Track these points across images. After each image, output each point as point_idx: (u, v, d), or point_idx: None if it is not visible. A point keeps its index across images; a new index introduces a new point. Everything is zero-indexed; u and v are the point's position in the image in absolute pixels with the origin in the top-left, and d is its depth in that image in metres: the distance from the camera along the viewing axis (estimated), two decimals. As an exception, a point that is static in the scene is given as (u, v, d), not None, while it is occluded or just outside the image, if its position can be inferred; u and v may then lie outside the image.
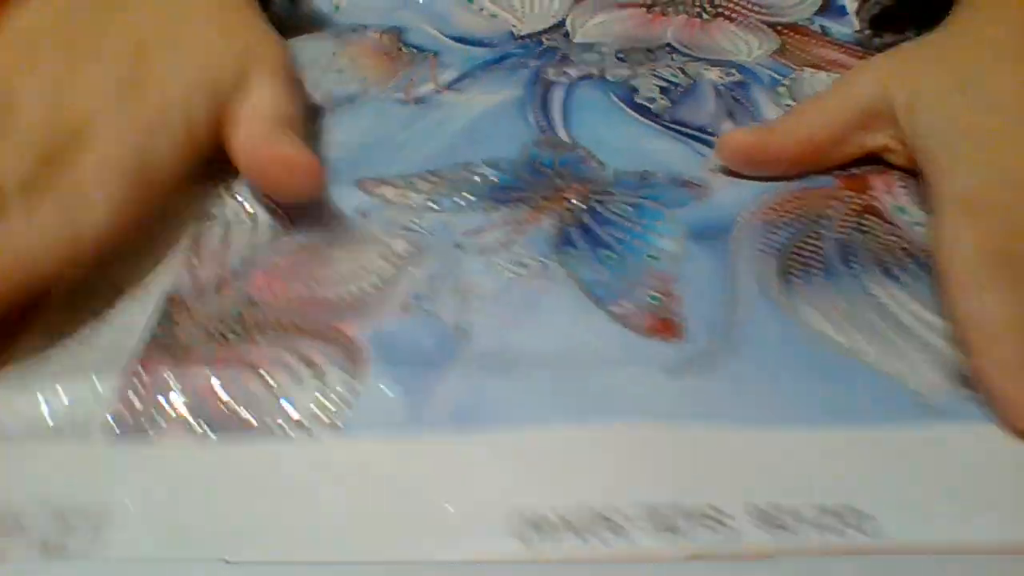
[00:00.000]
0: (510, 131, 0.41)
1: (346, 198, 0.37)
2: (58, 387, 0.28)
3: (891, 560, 0.25)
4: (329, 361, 0.29)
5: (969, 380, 0.29)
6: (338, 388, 0.28)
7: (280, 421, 0.28)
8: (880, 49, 0.44)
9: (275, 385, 0.28)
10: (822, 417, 0.28)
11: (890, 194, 0.37)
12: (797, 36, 0.51)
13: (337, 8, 0.53)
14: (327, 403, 0.28)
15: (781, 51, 0.49)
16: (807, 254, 0.34)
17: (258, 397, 0.28)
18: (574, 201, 0.37)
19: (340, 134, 0.41)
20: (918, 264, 0.34)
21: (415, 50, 0.49)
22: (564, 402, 0.28)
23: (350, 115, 0.43)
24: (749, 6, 0.53)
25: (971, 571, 0.24)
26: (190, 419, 0.28)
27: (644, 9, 0.53)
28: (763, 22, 0.52)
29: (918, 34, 0.41)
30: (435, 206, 0.36)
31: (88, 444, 0.27)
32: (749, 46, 0.50)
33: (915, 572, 0.24)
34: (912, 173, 0.38)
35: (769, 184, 0.38)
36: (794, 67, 0.47)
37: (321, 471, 0.26)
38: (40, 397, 0.28)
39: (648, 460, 0.27)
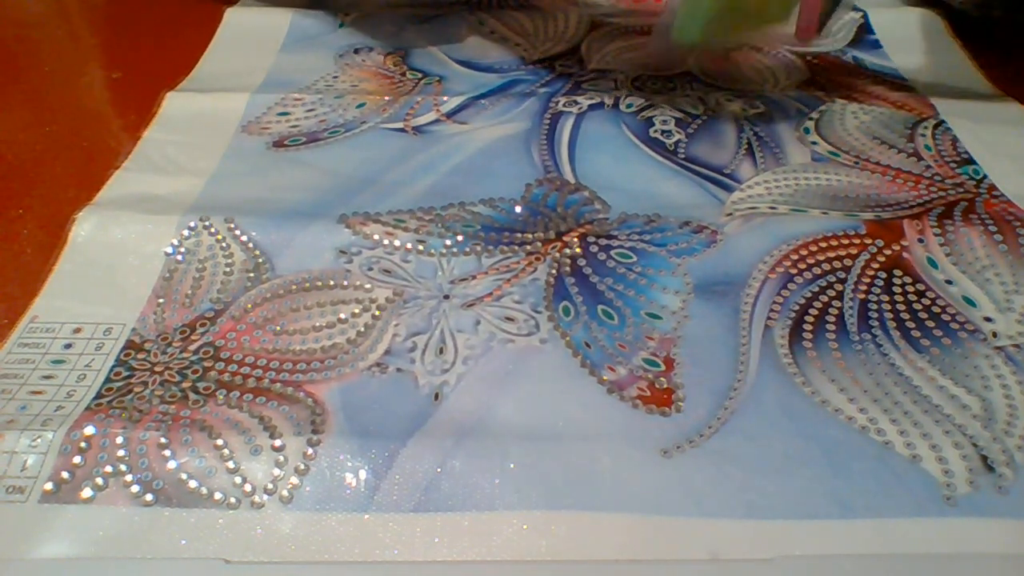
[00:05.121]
0: (512, 168, 0.39)
1: (329, 236, 0.34)
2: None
3: (891, 560, 0.23)
4: (290, 426, 0.27)
5: (997, 463, 0.26)
6: (295, 457, 0.26)
7: (228, 490, 0.25)
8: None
9: (228, 452, 0.26)
10: (827, 510, 0.25)
11: (923, 242, 0.34)
12: (829, 67, 0.48)
13: (342, 25, 0.51)
14: (281, 473, 0.26)
15: (811, 82, 0.46)
16: (824, 316, 0.31)
17: (208, 464, 0.26)
18: (574, 247, 0.34)
19: (332, 164, 0.39)
20: (947, 332, 0.31)
21: (420, 74, 0.47)
22: (534, 485, 0.25)
23: (345, 144, 0.40)
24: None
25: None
26: (132, 483, 0.25)
27: (665, 36, 0.50)
28: (793, 54, 0.49)
29: None
30: (424, 248, 0.34)
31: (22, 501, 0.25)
32: (776, 76, 0.47)
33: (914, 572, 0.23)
34: (950, 216, 0.35)
35: (791, 229, 0.35)
36: (824, 99, 0.44)
37: (265, 545, 0.24)
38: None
39: (625, 556, 0.24)
